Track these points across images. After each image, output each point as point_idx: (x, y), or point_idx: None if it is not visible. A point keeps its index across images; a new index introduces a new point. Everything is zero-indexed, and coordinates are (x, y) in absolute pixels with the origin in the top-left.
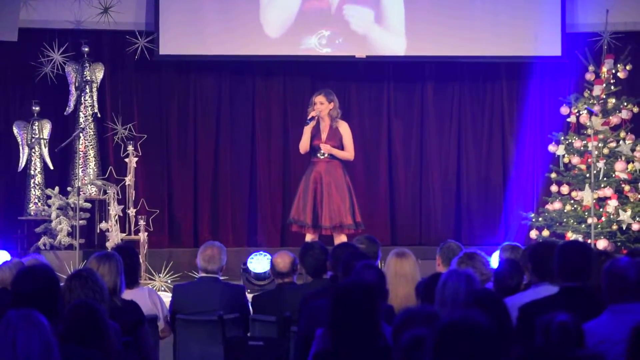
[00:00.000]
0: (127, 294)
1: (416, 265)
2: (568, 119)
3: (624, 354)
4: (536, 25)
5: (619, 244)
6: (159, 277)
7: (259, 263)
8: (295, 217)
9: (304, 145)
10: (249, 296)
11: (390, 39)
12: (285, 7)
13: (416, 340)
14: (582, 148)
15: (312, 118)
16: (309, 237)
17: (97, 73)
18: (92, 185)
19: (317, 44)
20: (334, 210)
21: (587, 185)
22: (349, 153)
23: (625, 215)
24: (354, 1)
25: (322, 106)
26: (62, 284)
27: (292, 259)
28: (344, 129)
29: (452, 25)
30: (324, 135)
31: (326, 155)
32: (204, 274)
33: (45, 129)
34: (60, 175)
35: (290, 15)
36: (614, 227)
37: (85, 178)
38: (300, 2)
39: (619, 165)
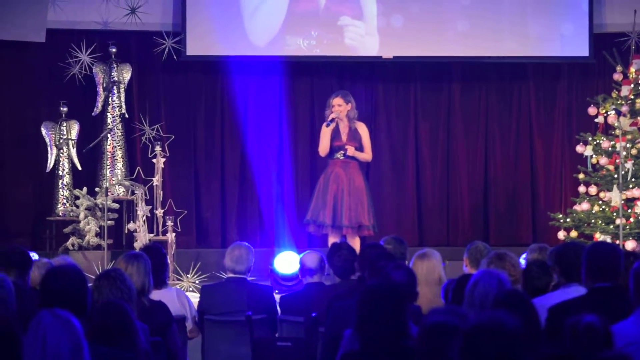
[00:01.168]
0: (155, 295)
1: (437, 266)
2: (596, 120)
3: None
4: (563, 26)
5: None
6: (187, 277)
7: (286, 263)
8: (314, 217)
9: (325, 147)
10: (277, 297)
11: (417, 40)
12: (310, 9)
13: (442, 327)
14: (610, 149)
15: (333, 120)
16: (331, 238)
17: (125, 74)
18: (120, 186)
19: (342, 43)
20: (353, 210)
21: (615, 186)
22: (368, 154)
23: None
24: (390, 4)
25: (340, 108)
26: (90, 284)
27: (320, 259)
28: (363, 130)
29: (479, 25)
30: (344, 137)
31: (345, 156)
32: (231, 275)
33: (73, 129)
34: (88, 175)
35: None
36: None
37: (113, 179)
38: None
39: None
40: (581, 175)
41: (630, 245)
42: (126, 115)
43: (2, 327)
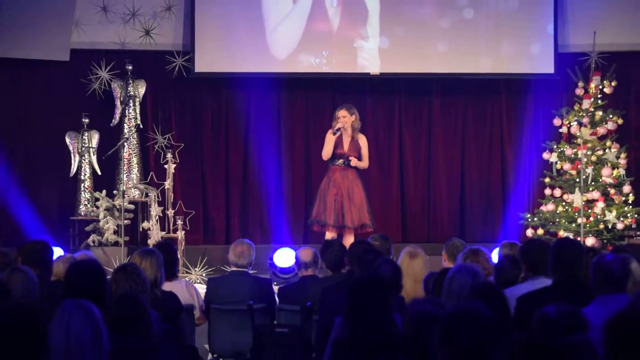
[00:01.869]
0: (167, 286)
1: (426, 263)
2: (560, 130)
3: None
4: (532, 46)
5: (605, 241)
6: (195, 270)
7: (284, 258)
8: (317, 217)
9: (328, 152)
10: (275, 288)
11: (401, 58)
12: (295, 29)
13: (423, 316)
14: (572, 156)
15: (339, 129)
16: (329, 235)
17: (140, 89)
18: (135, 189)
19: (333, 62)
20: (356, 212)
21: (577, 189)
22: (365, 163)
23: (610, 216)
24: (379, 28)
25: (345, 119)
26: (108, 277)
27: (314, 254)
28: (363, 141)
29: (457, 46)
30: (346, 146)
31: (342, 163)
32: (235, 268)
33: (94, 138)
34: (107, 180)
35: (299, 36)
36: (601, 226)
37: (129, 182)
38: (307, 23)
39: (605, 171)
40: (547, 179)
41: (590, 241)
42: (141, 126)
43: (27, 316)
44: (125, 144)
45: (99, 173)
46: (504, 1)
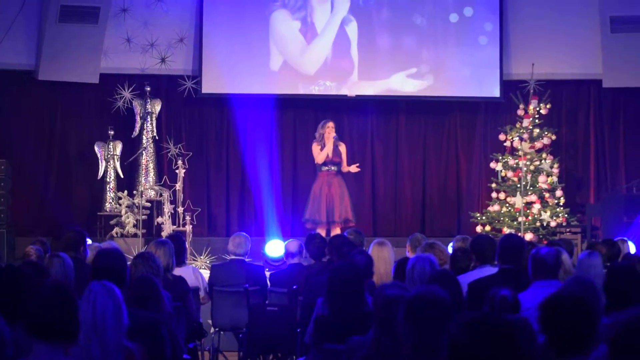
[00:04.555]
0: (177, 271)
1: (391, 251)
2: (504, 144)
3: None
4: (482, 74)
5: (541, 236)
6: (201, 258)
7: (274, 249)
8: (311, 217)
9: (324, 157)
10: (267, 274)
11: (372, 82)
12: (292, 55)
13: (391, 297)
14: (514, 165)
15: (336, 136)
16: (321, 230)
17: (156, 106)
18: (151, 190)
19: (322, 88)
20: (343, 209)
21: (518, 193)
22: (345, 167)
23: (545, 215)
24: (343, 57)
25: (333, 131)
26: (129, 263)
27: (299, 245)
28: (343, 149)
29: (420, 72)
30: (330, 153)
31: (332, 168)
32: (233, 257)
33: (118, 147)
34: (128, 182)
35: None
36: (538, 224)
37: (147, 184)
38: (304, 53)
39: (541, 178)
40: (493, 185)
41: (528, 236)
42: (156, 137)
43: (63, 293)
44: (144, 152)
45: (122, 176)
46: (457, 38)
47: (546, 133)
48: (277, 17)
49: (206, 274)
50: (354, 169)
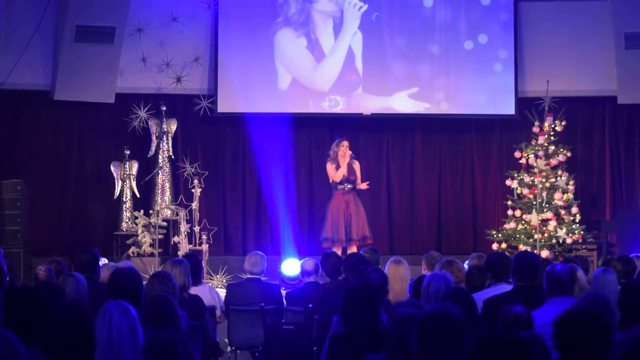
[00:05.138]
0: (193, 290)
1: (407, 269)
2: (520, 161)
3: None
4: (496, 92)
5: (557, 253)
6: (217, 277)
7: (290, 267)
8: (331, 235)
9: (341, 176)
10: (283, 292)
11: (389, 100)
12: (302, 78)
13: (403, 316)
14: (530, 182)
15: (353, 155)
16: (337, 249)
17: (172, 126)
18: (167, 209)
19: (332, 103)
20: (360, 227)
21: (533, 210)
22: (361, 184)
23: (561, 232)
24: (350, 72)
25: (348, 149)
26: (145, 282)
27: (315, 264)
28: (357, 166)
29: (436, 91)
30: (346, 172)
31: (348, 186)
32: (249, 276)
33: (134, 167)
34: (144, 201)
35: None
36: (553, 241)
37: (163, 204)
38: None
39: (557, 195)
40: (509, 202)
41: (544, 254)
42: (172, 157)
43: (78, 313)
44: (160, 171)
45: (138, 196)
46: (474, 33)
47: (561, 150)
48: (282, 36)
49: (222, 292)
50: (364, 186)
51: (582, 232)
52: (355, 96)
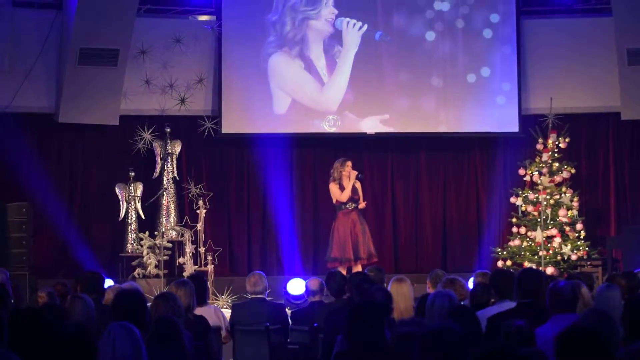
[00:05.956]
0: (198, 311)
1: (411, 288)
2: (524, 178)
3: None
4: (500, 109)
5: (562, 270)
6: (222, 297)
7: (296, 287)
8: (340, 256)
9: (347, 196)
10: (288, 312)
11: (393, 118)
12: (305, 100)
13: (404, 334)
14: (534, 199)
15: (360, 176)
16: (342, 269)
17: (176, 147)
18: (172, 230)
19: (334, 123)
20: (366, 245)
21: (538, 227)
22: (362, 204)
23: (566, 249)
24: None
25: (351, 170)
26: (150, 304)
27: (320, 283)
28: (359, 185)
29: (440, 109)
30: (348, 191)
31: (352, 206)
32: (254, 296)
33: (139, 189)
34: (149, 223)
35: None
36: (558, 257)
37: (168, 225)
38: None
39: (562, 212)
40: (514, 219)
41: (549, 270)
42: (177, 178)
43: (81, 336)
44: (165, 193)
45: (143, 217)
46: (477, 67)
47: (565, 167)
48: (277, 59)
49: (228, 313)
50: (362, 205)
51: (587, 249)
52: (359, 116)
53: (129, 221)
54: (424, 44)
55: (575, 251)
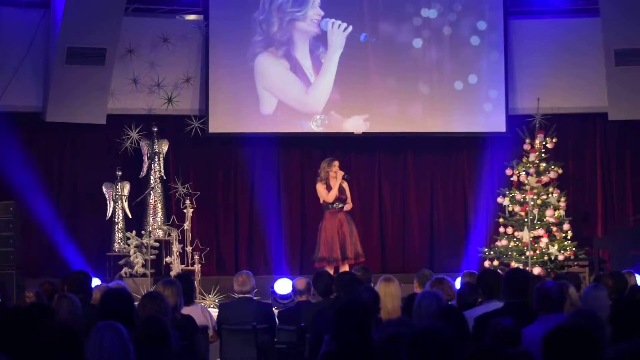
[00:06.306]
0: (185, 310)
1: (398, 287)
2: (511, 178)
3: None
4: (487, 109)
5: (549, 270)
6: (209, 297)
7: (283, 286)
8: (327, 256)
9: (334, 196)
10: (275, 311)
11: (380, 119)
12: (292, 98)
13: (390, 335)
14: (521, 200)
15: (347, 176)
16: (330, 269)
17: (163, 147)
18: (159, 230)
19: (322, 123)
20: (354, 245)
21: (525, 227)
22: (350, 205)
23: (553, 249)
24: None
25: (338, 170)
26: (137, 303)
27: (307, 283)
28: (346, 185)
29: (428, 110)
30: (337, 192)
31: (339, 206)
32: (241, 295)
33: (126, 188)
34: (136, 222)
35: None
36: (545, 258)
37: (155, 224)
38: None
39: (549, 212)
40: (501, 220)
41: (536, 271)
42: (164, 177)
43: (68, 335)
44: (152, 192)
45: (130, 216)
46: (464, 74)
47: (553, 167)
48: (262, 61)
49: (215, 312)
50: (349, 207)
51: (574, 249)
52: (345, 116)
53: (116, 220)
54: (411, 50)
55: (562, 251)
